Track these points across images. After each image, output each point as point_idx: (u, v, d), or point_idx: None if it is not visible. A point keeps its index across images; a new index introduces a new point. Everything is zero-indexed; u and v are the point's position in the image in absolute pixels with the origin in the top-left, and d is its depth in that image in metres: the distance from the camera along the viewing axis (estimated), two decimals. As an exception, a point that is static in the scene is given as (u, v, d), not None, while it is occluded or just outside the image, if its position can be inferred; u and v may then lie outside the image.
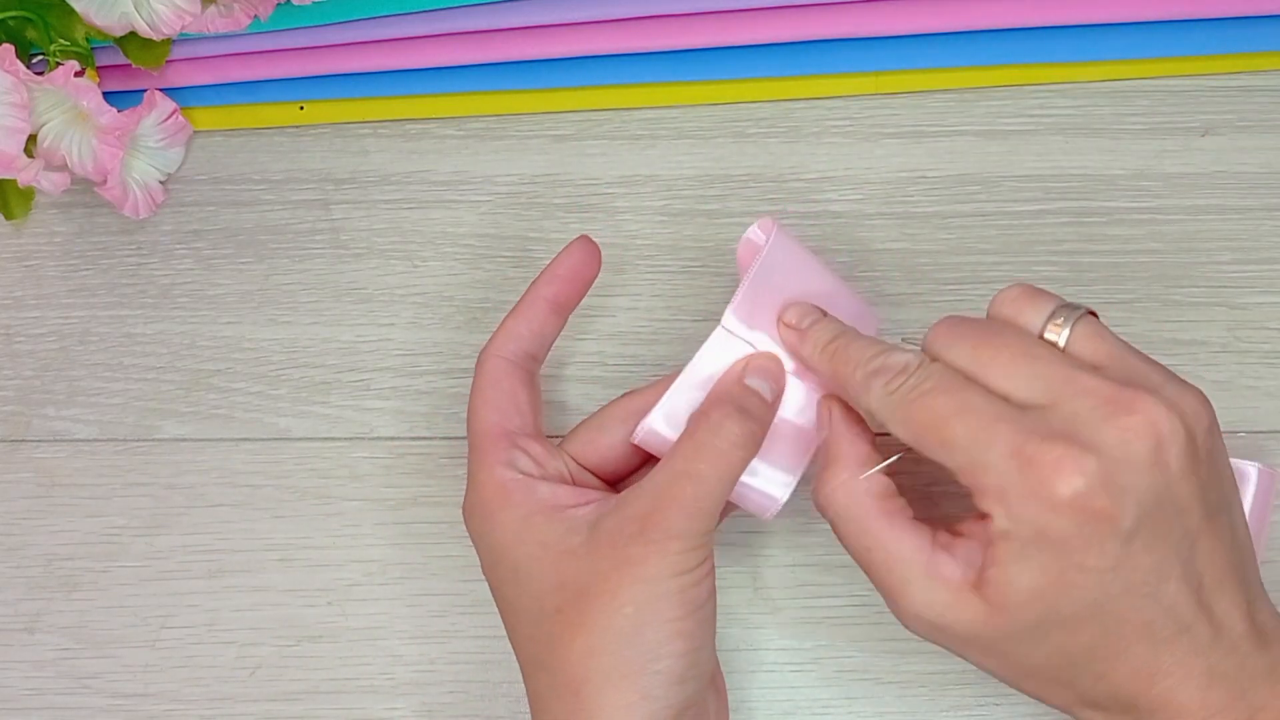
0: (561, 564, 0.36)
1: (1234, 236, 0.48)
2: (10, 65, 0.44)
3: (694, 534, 0.36)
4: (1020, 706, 0.44)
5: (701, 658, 0.37)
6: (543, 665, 0.37)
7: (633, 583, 0.35)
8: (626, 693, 0.35)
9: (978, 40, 0.50)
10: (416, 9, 0.49)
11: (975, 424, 0.34)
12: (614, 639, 0.35)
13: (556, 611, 0.36)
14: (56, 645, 0.46)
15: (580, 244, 0.42)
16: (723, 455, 0.37)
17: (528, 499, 0.38)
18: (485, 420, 0.40)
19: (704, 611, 0.37)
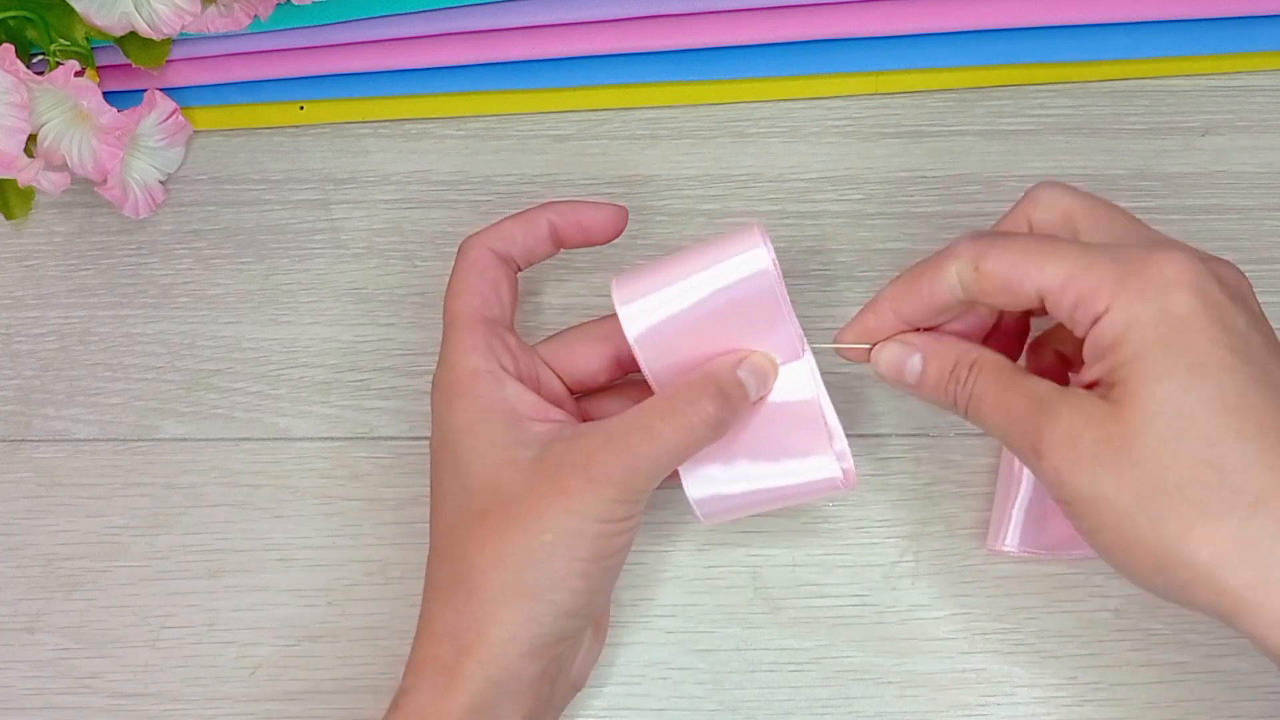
0: (501, 469, 0.37)
1: (1234, 236, 0.48)
2: (10, 65, 0.44)
3: (631, 487, 0.37)
4: (1021, 706, 0.44)
5: (594, 600, 0.38)
6: (449, 557, 0.38)
7: (560, 512, 0.36)
8: (516, 611, 0.36)
9: (978, 40, 0.50)
10: (416, 9, 0.49)
11: (1069, 249, 0.35)
12: (523, 558, 0.36)
13: (481, 512, 0.37)
14: (56, 645, 0.46)
15: (613, 209, 0.42)
16: (689, 428, 0.37)
17: (492, 393, 0.38)
18: (467, 304, 0.40)
19: (612, 561, 0.38)
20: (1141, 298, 0.33)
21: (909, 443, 0.46)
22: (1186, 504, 0.32)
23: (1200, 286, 0.33)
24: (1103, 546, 0.34)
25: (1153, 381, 0.33)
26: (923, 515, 0.46)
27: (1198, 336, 0.33)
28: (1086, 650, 0.44)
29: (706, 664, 0.45)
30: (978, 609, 0.45)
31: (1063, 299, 0.34)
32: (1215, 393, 0.33)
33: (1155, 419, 0.33)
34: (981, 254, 0.36)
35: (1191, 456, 0.32)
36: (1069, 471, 0.34)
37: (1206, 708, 0.44)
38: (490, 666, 0.36)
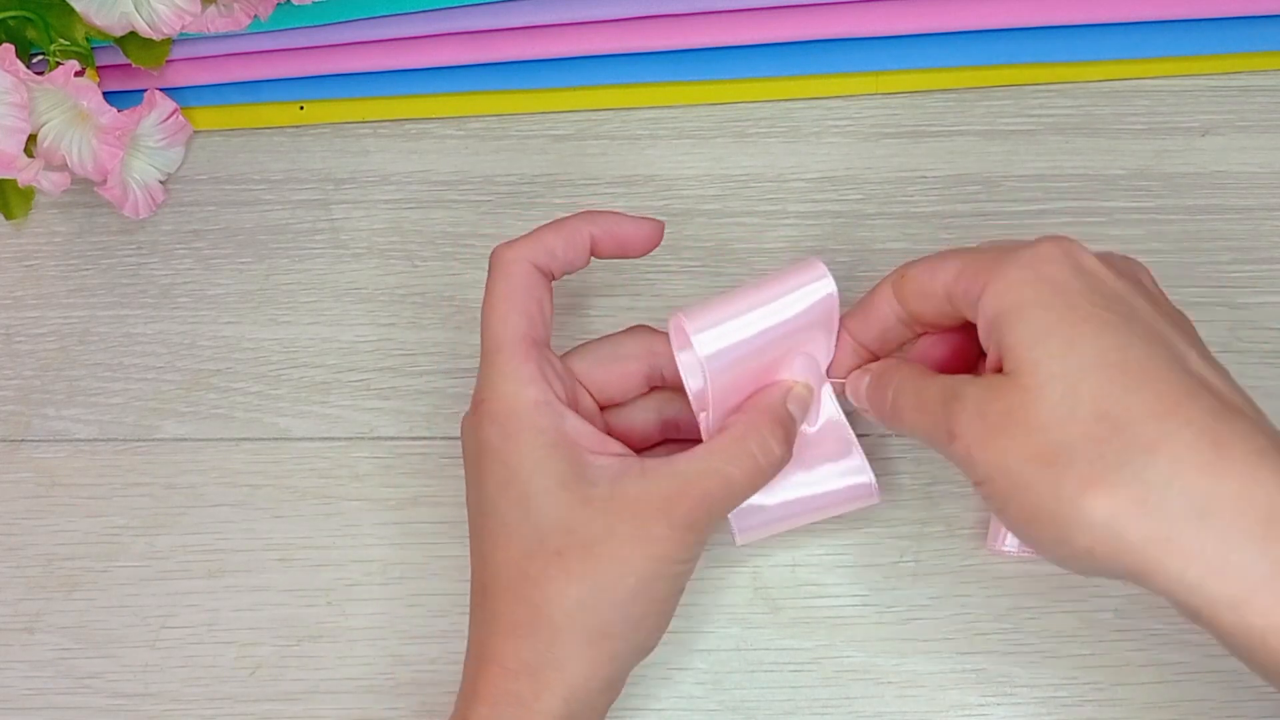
0: (575, 509, 0.37)
1: (1234, 236, 0.48)
2: (10, 65, 0.44)
3: (705, 529, 0.38)
4: (1021, 706, 0.44)
5: (660, 636, 0.39)
6: (521, 597, 0.37)
7: (644, 558, 0.37)
8: (600, 651, 0.37)
9: (978, 40, 0.50)
10: (416, 9, 0.49)
11: (970, 250, 0.37)
12: (608, 602, 0.37)
13: (556, 553, 0.37)
14: (56, 645, 0.46)
15: (652, 225, 0.41)
16: (759, 470, 0.38)
17: (554, 427, 0.38)
18: (512, 324, 0.38)
19: (679, 598, 0.39)
20: (1017, 268, 0.35)
21: (909, 443, 0.46)
22: (1083, 463, 0.32)
23: (1073, 257, 0.35)
24: (1011, 521, 0.34)
25: (1036, 343, 0.34)
26: (923, 515, 0.46)
27: (1073, 296, 0.34)
28: (1086, 650, 0.44)
29: (706, 664, 0.45)
30: (978, 609, 0.45)
31: (956, 289, 0.36)
32: (1098, 348, 0.33)
33: (1047, 381, 0.33)
34: (909, 265, 0.39)
35: (1085, 413, 0.33)
36: (979, 449, 0.34)
37: (1206, 708, 0.44)
38: (572, 702, 0.37)
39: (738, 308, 0.39)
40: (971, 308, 0.36)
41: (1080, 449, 0.32)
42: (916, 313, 0.39)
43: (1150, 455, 0.32)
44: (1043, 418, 0.33)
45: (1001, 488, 0.34)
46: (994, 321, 0.35)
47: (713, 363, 0.38)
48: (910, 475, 0.46)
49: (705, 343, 0.38)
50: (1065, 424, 0.33)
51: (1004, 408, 0.34)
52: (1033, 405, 0.33)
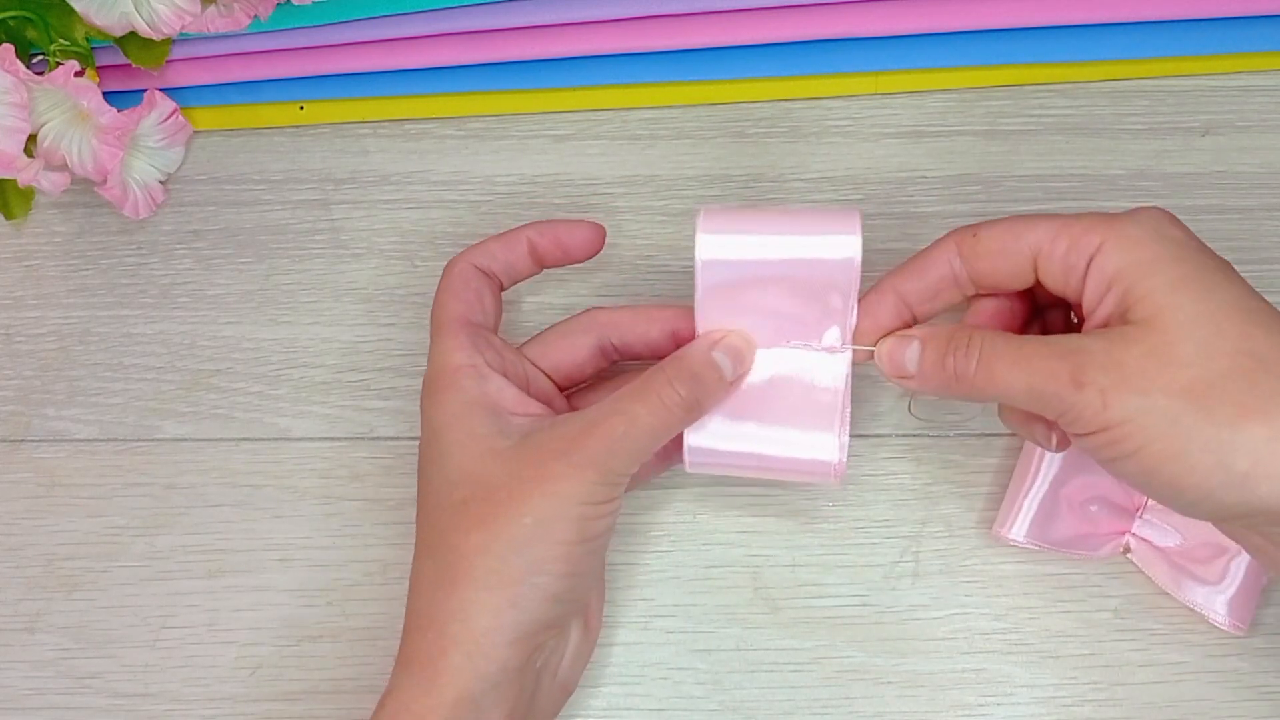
0: (484, 459, 0.38)
1: (1234, 236, 0.48)
2: (10, 65, 0.44)
3: (611, 470, 0.38)
4: (1021, 706, 0.44)
5: (579, 584, 0.39)
6: (433, 551, 0.38)
7: (541, 496, 0.37)
8: (499, 596, 0.37)
9: (978, 40, 0.50)
10: (416, 9, 0.49)
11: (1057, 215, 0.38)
12: (505, 543, 0.37)
13: (462, 503, 0.38)
14: (56, 645, 0.46)
15: (590, 227, 0.43)
16: (665, 410, 0.38)
17: (475, 386, 0.39)
18: (450, 310, 0.41)
19: (595, 544, 0.39)
20: (1137, 226, 0.36)
21: (909, 443, 0.46)
22: (1237, 392, 0.34)
23: (1182, 226, 0.37)
24: (1151, 461, 0.35)
25: (1175, 292, 0.35)
26: (923, 515, 0.46)
27: (1197, 254, 0.36)
28: (1086, 650, 0.44)
29: (706, 664, 0.45)
30: (978, 609, 0.45)
31: (1055, 249, 0.37)
32: (1232, 297, 0.35)
33: (1191, 323, 0.34)
34: (979, 225, 0.39)
35: (1231, 349, 0.34)
36: (1114, 392, 0.35)
37: (1206, 708, 0.44)
38: (475, 656, 0.37)
39: (757, 227, 0.39)
40: (1068, 269, 0.37)
41: (1230, 380, 0.34)
42: (984, 273, 0.39)
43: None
44: (1189, 355, 0.34)
45: (1142, 426, 0.34)
46: (1118, 275, 0.36)
47: (708, 269, 0.39)
48: (910, 475, 0.46)
49: (707, 245, 0.39)
50: (1213, 359, 0.34)
51: (1144, 350, 0.35)
52: (1177, 345, 0.34)
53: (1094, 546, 0.44)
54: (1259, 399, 0.34)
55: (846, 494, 0.46)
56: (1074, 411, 0.35)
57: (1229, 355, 0.34)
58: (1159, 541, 0.44)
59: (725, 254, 0.39)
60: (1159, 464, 0.34)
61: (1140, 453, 0.34)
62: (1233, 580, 0.43)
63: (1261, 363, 0.34)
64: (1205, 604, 0.43)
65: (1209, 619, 0.43)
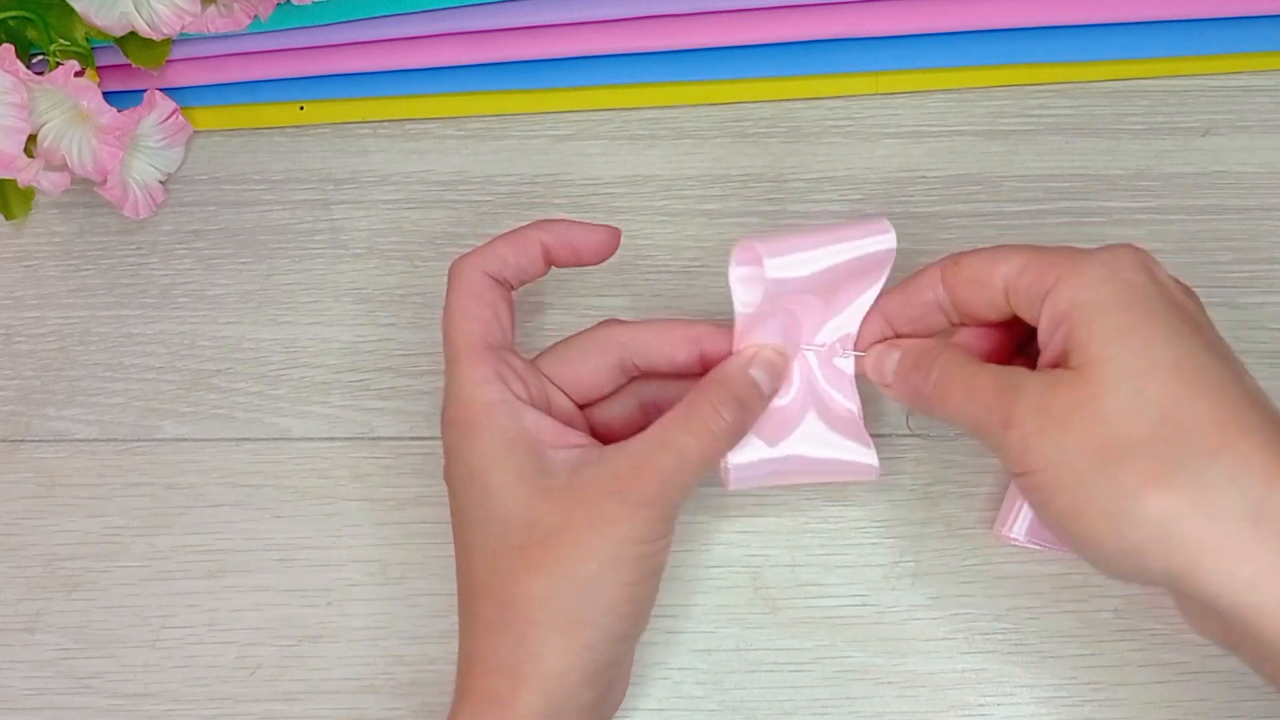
0: (535, 500, 0.37)
1: (1234, 236, 0.48)
2: (10, 65, 0.44)
3: (666, 504, 0.37)
4: (1021, 706, 0.44)
5: (641, 620, 0.39)
6: (494, 594, 0.38)
7: (602, 540, 0.36)
8: (572, 640, 0.36)
9: (978, 40, 0.50)
10: (416, 9, 0.49)
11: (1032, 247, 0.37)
12: (573, 589, 0.36)
13: (520, 547, 0.37)
14: (56, 645, 0.46)
15: (606, 231, 0.42)
16: (712, 438, 0.38)
17: (512, 424, 0.38)
18: (468, 331, 0.39)
19: (655, 579, 0.38)
20: (1096, 267, 0.35)
21: (909, 443, 0.46)
22: (1145, 459, 0.33)
23: (1148, 267, 0.36)
24: (1057, 513, 0.35)
25: (1112, 341, 0.34)
26: (923, 515, 0.46)
27: (1150, 301, 0.35)
28: (1086, 650, 0.44)
29: (706, 664, 0.45)
30: (978, 609, 0.45)
31: (1020, 282, 0.37)
32: (1172, 353, 0.34)
33: (1118, 378, 0.34)
34: (962, 254, 0.39)
35: (1152, 413, 0.33)
36: (1037, 438, 0.34)
37: (1206, 708, 0.44)
38: (550, 696, 0.36)
39: (806, 243, 0.39)
40: (1031, 302, 0.36)
41: (1143, 446, 0.33)
42: (963, 300, 0.39)
43: (1212, 459, 0.32)
44: (1109, 413, 0.33)
45: (1054, 478, 0.34)
46: (1065, 315, 0.35)
47: (773, 288, 0.39)
48: (910, 475, 0.46)
49: (774, 267, 0.38)
50: (1131, 421, 0.33)
51: (1070, 400, 0.34)
52: (1101, 400, 0.34)
53: (1094, 546, 0.44)
54: (1164, 471, 0.33)
55: (846, 494, 0.46)
56: (1002, 450, 0.36)
57: (1148, 420, 0.33)
58: (1159, 541, 0.44)
59: (787, 273, 0.39)
60: (1061, 518, 0.34)
61: (1049, 503, 0.35)
62: (1233, 580, 0.43)
63: (1179, 431, 0.33)
64: (1205, 604, 0.43)
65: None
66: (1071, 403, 0.34)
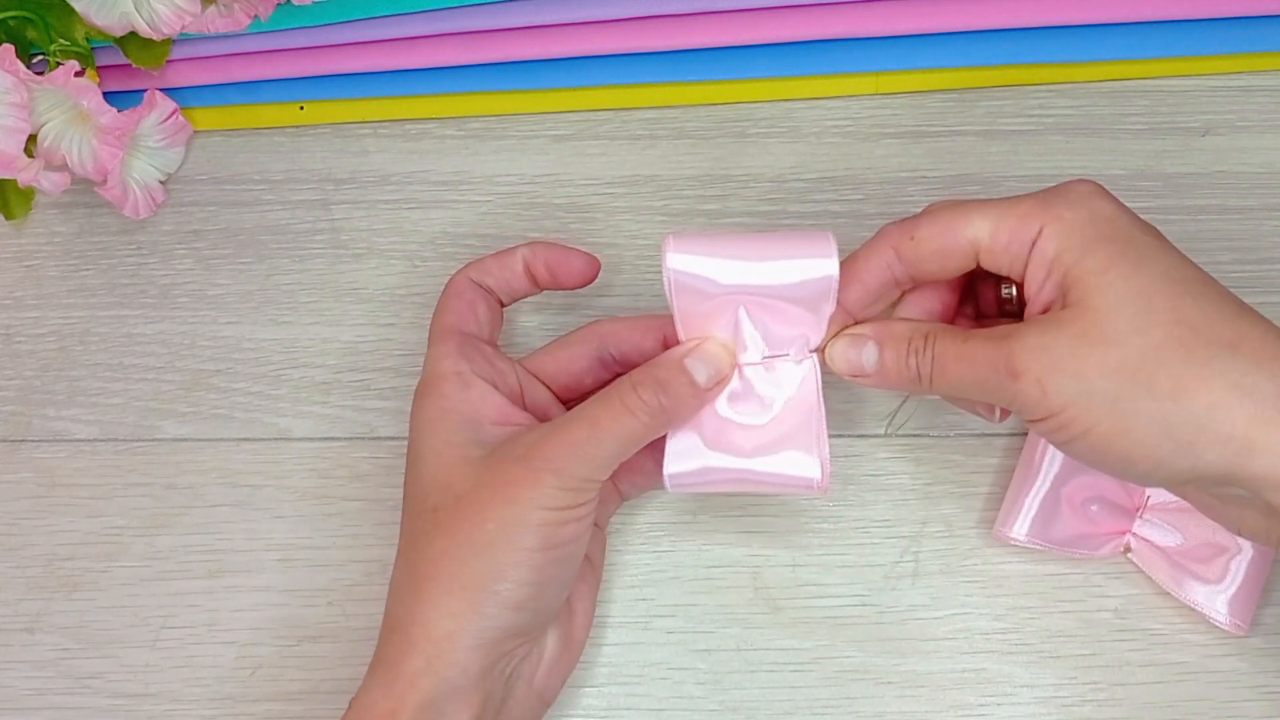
0: (454, 467, 0.38)
1: (1234, 236, 0.48)
2: (10, 65, 0.44)
3: (573, 475, 0.37)
4: (1021, 706, 0.44)
5: (546, 593, 0.38)
6: (404, 555, 0.39)
7: (502, 502, 0.37)
8: (460, 601, 0.37)
9: (978, 40, 0.50)
10: (416, 9, 0.49)
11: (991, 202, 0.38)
12: (467, 549, 0.37)
13: (433, 509, 0.38)
14: (56, 645, 0.46)
15: (585, 259, 0.43)
16: (627, 415, 0.38)
17: (457, 394, 0.40)
18: (443, 321, 0.42)
19: (562, 552, 0.38)
20: (1070, 208, 0.36)
21: (909, 443, 0.46)
22: (1172, 364, 0.34)
23: (1113, 197, 0.37)
24: (1100, 441, 0.35)
25: (1106, 271, 0.35)
26: (923, 515, 0.46)
27: (1128, 228, 0.36)
28: (1086, 650, 0.44)
29: (706, 664, 0.45)
30: (978, 609, 0.45)
31: (996, 240, 0.37)
32: (1162, 269, 0.35)
33: (1121, 302, 0.35)
34: (913, 225, 0.38)
35: (1164, 321, 0.34)
36: (1051, 378, 0.35)
37: (1206, 708, 0.44)
38: (436, 660, 0.36)
39: (728, 252, 0.38)
40: (1013, 258, 0.37)
41: (1166, 353, 0.34)
42: (927, 271, 0.39)
43: (1234, 351, 0.34)
44: (1120, 331, 0.34)
45: (1084, 409, 0.35)
46: (1055, 261, 0.36)
47: (680, 279, 0.38)
48: (910, 475, 0.46)
49: (677, 260, 0.38)
50: (1145, 334, 0.34)
51: (1074, 333, 0.35)
52: (1109, 324, 0.35)
53: (1094, 546, 0.44)
54: (1195, 368, 0.34)
55: (846, 494, 0.46)
56: (1018, 401, 0.36)
57: (1162, 327, 0.34)
58: (1159, 541, 0.44)
59: (693, 269, 0.38)
60: (1108, 443, 0.35)
61: (1089, 434, 0.35)
62: (1233, 579, 0.43)
63: (1195, 331, 0.34)
64: (1206, 603, 0.43)
65: (1209, 619, 0.43)
66: (1078, 335, 0.35)
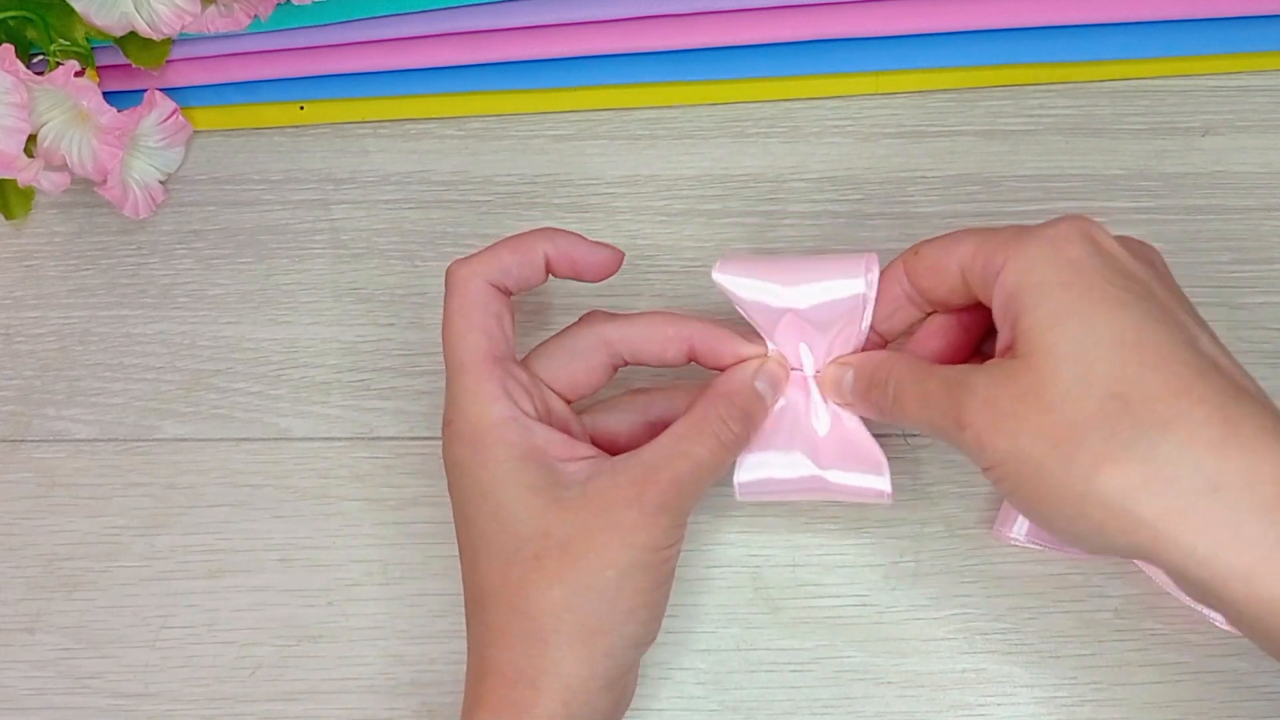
0: (548, 512, 0.37)
1: (1234, 236, 0.48)
2: (10, 65, 0.44)
3: (679, 511, 0.38)
4: (1021, 706, 0.44)
5: (656, 624, 0.39)
6: (507, 604, 0.38)
7: (620, 547, 0.37)
8: (593, 649, 0.37)
9: (978, 40, 0.50)
10: (416, 9, 0.49)
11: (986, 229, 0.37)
12: (592, 598, 0.37)
13: (535, 558, 0.37)
14: (56, 645, 0.46)
15: (609, 253, 0.42)
16: (722, 448, 0.39)
17: (522, 440, 0.38)
18: (473, 344, 0.39)
19: (669, 584, 0.39)
20: (1038, 245, 0.35)
21: (909, 443, 0.46)
22: (1096, 440, 0.33)
23: (1091, 238, 0.35)
24: (1024, 503, 0.35)
25: (1055, 323, 0.34)
26: (923, 515, 0.46)
27: (1092, 276, 0.34)
28: (1086, 650, 0.44)
29: (706, 664, 0.45)
30: (978, 609, 0.45)
31: (974, 264, 0.37)
32: (1114, 328, 0.34)
33: (1061, 361, 0.34)
34: (923, 243, 0.39)
35: (1098, 392, 0.33)
36: (990, 434, 0.34)
37: (1206, 708, 0.44)
38: (570, 704, 0.37)
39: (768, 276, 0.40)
40: (986, 285, 0.36)
41: (1093, 427, 0.33)
42: (927, 289, 0.39)
43: (1163, 432, 0.32)
44: (1056, 397, 0.33)
45: (1013, 471, 0.34)
46: (1012, 298, 0.35)
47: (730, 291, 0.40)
48: (910, 475, 0.46)
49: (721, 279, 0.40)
50: (1078, 403, 0.33)
51: (1016, 391, 0.34)
52: (1046, 386, 0.34)
53: (1094, 546, 0.44)
54: (1116, 447, 0.32)
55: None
56: (963, 450, 0.36)
57: (1096, 399, 0.33)
58: (1159, 541, 0.44)
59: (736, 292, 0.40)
60: (1030, 506, 0.35)
61: (1014, 494, 0.35)
62: (1233, 580, 0.43)
63: (1127, 406, 0.33)
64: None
65: (1209, 619, 0.43)
66: (1018, 393, 0.34)
